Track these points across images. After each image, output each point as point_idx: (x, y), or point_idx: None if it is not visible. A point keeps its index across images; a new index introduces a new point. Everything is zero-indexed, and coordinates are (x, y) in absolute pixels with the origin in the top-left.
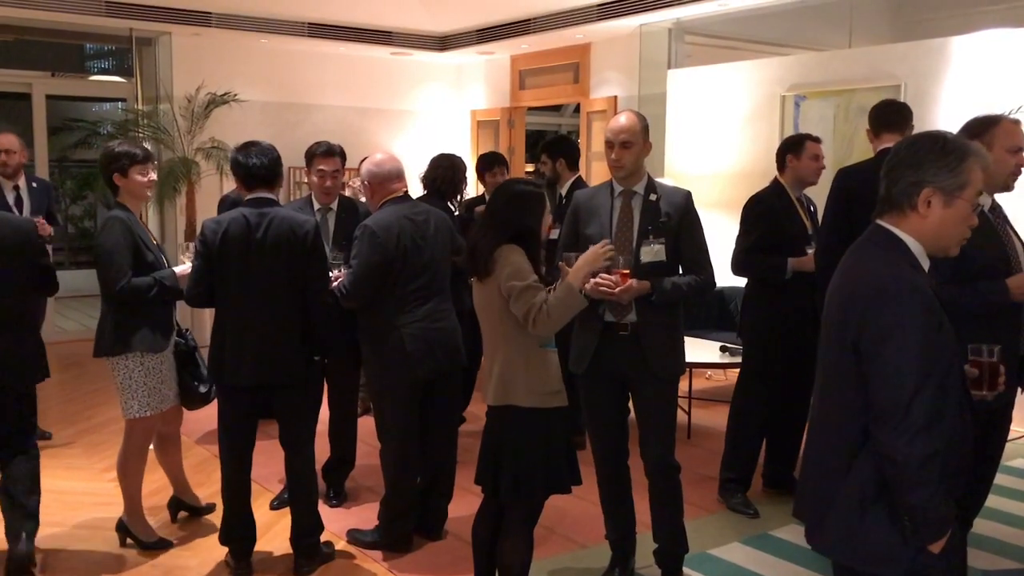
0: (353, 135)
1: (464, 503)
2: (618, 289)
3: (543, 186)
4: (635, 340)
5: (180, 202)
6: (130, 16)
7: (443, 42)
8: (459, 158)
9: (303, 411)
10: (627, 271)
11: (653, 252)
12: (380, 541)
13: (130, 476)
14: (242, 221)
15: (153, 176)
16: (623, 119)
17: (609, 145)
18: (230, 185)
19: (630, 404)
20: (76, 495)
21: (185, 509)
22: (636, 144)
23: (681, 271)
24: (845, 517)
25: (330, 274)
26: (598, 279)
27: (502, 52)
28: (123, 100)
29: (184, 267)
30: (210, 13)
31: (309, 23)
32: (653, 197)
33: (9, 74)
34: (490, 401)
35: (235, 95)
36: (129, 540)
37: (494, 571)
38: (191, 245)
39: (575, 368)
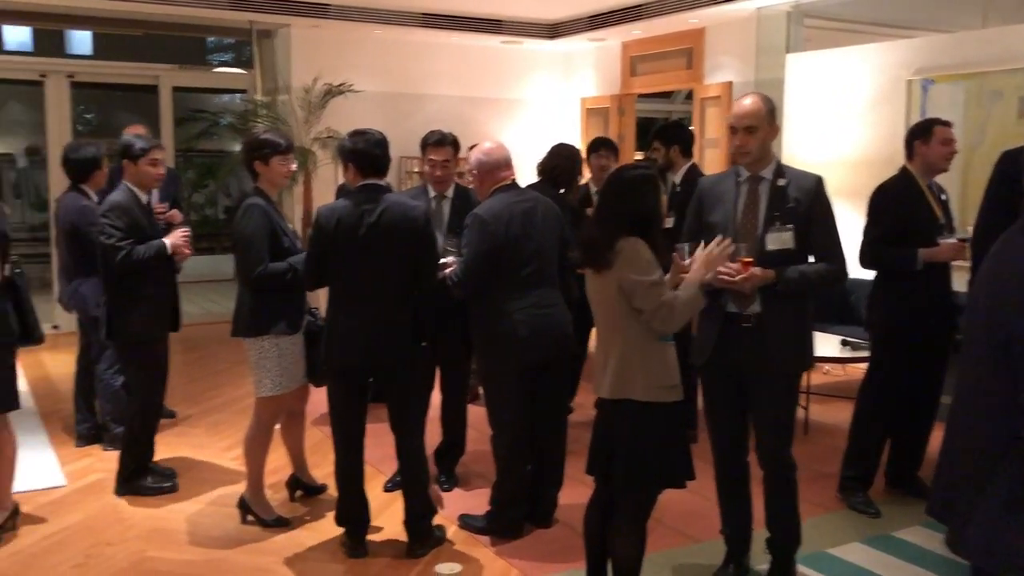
0: (464, 124)
1: (573, 492)
2: (739, 277)
3: (654, 169)
4: (759, 332)
5: (297, 191)
6: (251, 9)
7: (553, 30)
8: (577, 149)
9: (412, 395)
10: (750, 259)
11: (780, 239)
12: (491, 527)
13: (255, 454)
14: (354, 207)
15: (293, 166)
16: (747, 103)
17: (732, 130)
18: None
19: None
20: (201, 472)
21: (301, 488)
22: (761, 129)
23: (813, 260)
24: (989, 522)
25: (445, 260)
26: (719, 268)
27: (613, 39)
28: (243, 91)
29: None
30: (328, 5)
31: (423, 13)
32: (781, 182)
33: (138, 67)
34: (605, 394)
35: (350, 85)
36: (250, 517)
37: (605, 561)
38: None
39: (696, 360)
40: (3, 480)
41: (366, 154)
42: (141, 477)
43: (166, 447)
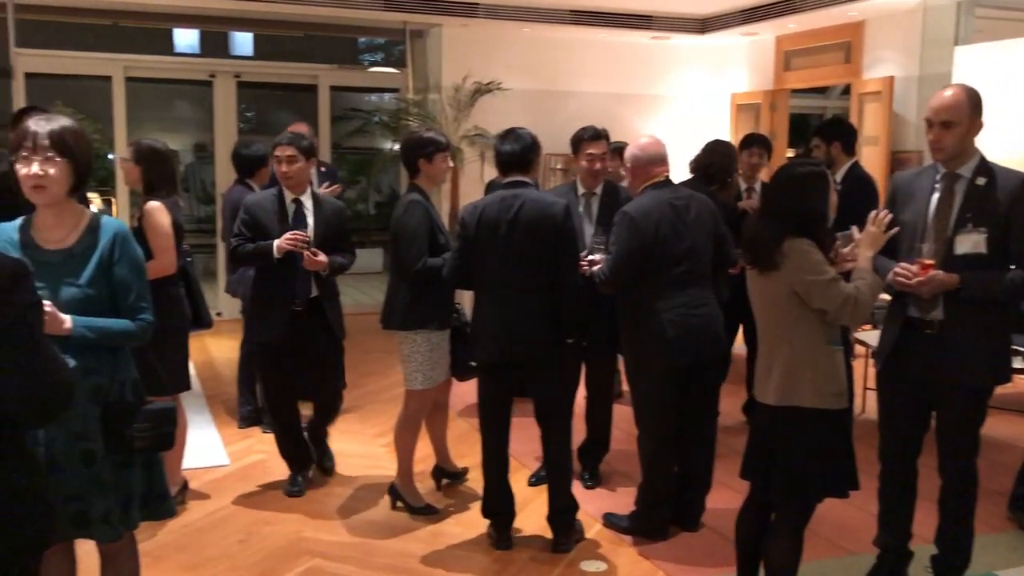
0: (609, 121)
1: (722, 496)
2: (914, 280)
3: (823, 165)
4: (941, 340)
5: (445, 188)
6: (405, 10)
7: (704, 24)
8: (733, 146)
9: (556, 391)
10: (930, 261)
11: (971, 242)
12: (636, 527)
13: (405, 443)
14: (497, 204)
15: (451, 163)
16: (947, 95)
17: (928, 124)
18: (491, 172)
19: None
20: (352, 457)
21: (446, 476)
22: (959, 124)
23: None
24: None
25: (593, 257)
26: (897, 268)
27: (766, 32)
28: (395, 91)
29: None
30: (477, 4)
31: (571, 10)
32: (981, 181)
33: (300, 67)
34: (769, 400)
35: (499, 84)
36: (399, 503)
37: (757, 568)
38: None
39: (875, 364)
40: (174, 457)
41: (508, 152)
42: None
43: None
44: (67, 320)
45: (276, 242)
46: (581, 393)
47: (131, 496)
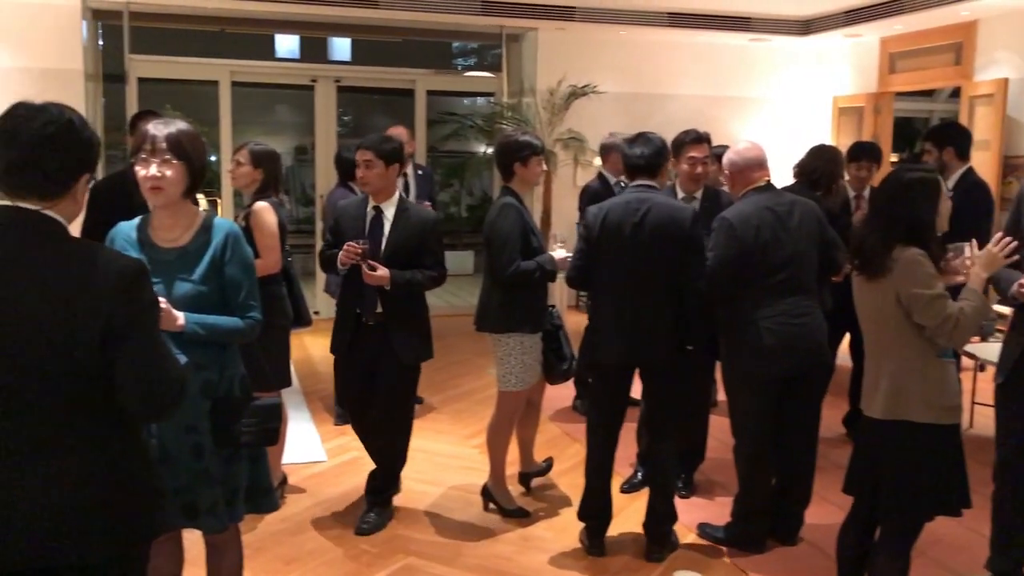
0: (705, 124)
1: (822, 511)
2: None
3: (936, 171)
4: None
5: (537, 191)
6: (503, 14)
7: (806, 26)
8: (839, 152)
9: (670, 397)
10: None
11: None
12: (731, 538)
13: (498, 445)
14: (622, 207)
15: (545, 167)
16: None
17: None
18: (584, 175)
19: None
20: (445, 457)
21: (533, 477)
22: None
23: None
24: None
25: None
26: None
27: (871, 34)
28: (490, 95)
29: (560, 253)
30: (574, 7)
31: (669, 13)
32: None
33: (398, 72)
34: (876, 414)
35: (595, 87)
36: (492, 505)
37: None
38: (558, 235)
39: (996, 377)
40: (275, 452)
41: (636, 156)
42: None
43: (414, 431)
44: (180, 317)
45: (341, 253)
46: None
47: (237, 489)
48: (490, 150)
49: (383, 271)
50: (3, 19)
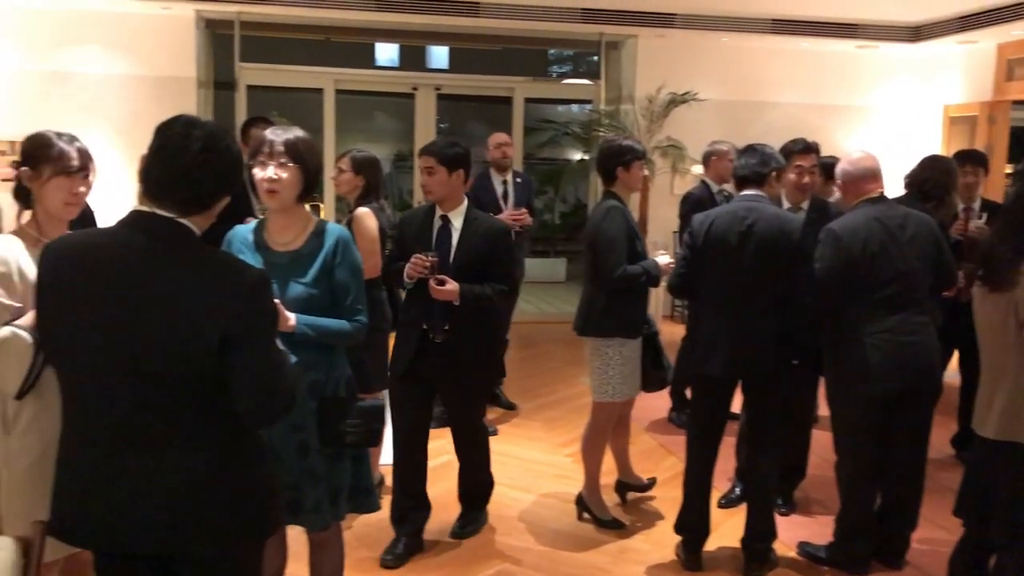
0: (808, 133)
1: (929, 534)
2: None
3: None
4: None
5: (634, 197)
6: (602, 21)
7: (916, 32)
8: (954, 163)
9: (772, 412)
10: None
11: None
12: (833, 558)
13: (592, 454)
14: (729, 216)
15: (646, 171)
16: None
17: None
18: (681, 183)
19: None
20: (539, 465)
21: (630, 489)
22: None
23: None
24: None
25: None
26: None
27: (987, 40)
28: (587, 102)
29: (663, 259)
30: (675, 14)
31: (773, 19)
32: None
33: (497, 79)
34: (989, 434)
35: (695, 94)
36: (586, 515)
37: None
38: (659, 241)
39: None
40: (374, 452)
41: (743, 167)
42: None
43: (507, 437)
44: (292, 318)
45: (406, 266)
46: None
47: (340, 488)
48: (586, 157)
49: (452, 285)
50: (122, 29)
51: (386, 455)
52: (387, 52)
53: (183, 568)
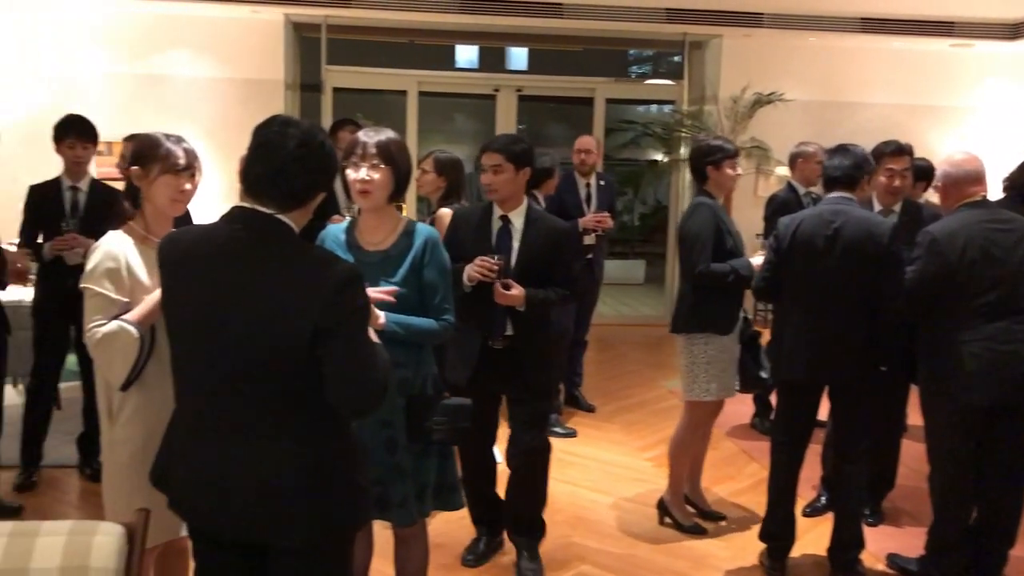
0: (899, 134)
1: None
2: None
3: None
4: None
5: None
6: (687, 21)
7: (1015, 30)
8: None
9: (860, 419)
10: None
11: None
12: (924, 572)
13: (680, 457)
14: (816, 219)
15: (740, 171)
16: None
17: None
18: (765, 185)
19: None
20: (618, 468)
21: (695, 509)
22: None
23: None
24: None
25: None
26: None
27: None
28: (668, 102)
29: (758, 260)
30: (762, 14)
31: (862, 18)
32: None
33: (578, 80)
34: None
35: (781, 95)
36: (667, 519)
37: None
38: (768, 242)
39: None
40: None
41: (832, 168)
42: None
43: (586, 439)
44: (381, 316)
45: (467, 268)
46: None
47: (426, 484)
48: (666, 159)
49: (518, 290)
50: (212, 33)
51: None
52: (466, 54)
53: (276, 558)
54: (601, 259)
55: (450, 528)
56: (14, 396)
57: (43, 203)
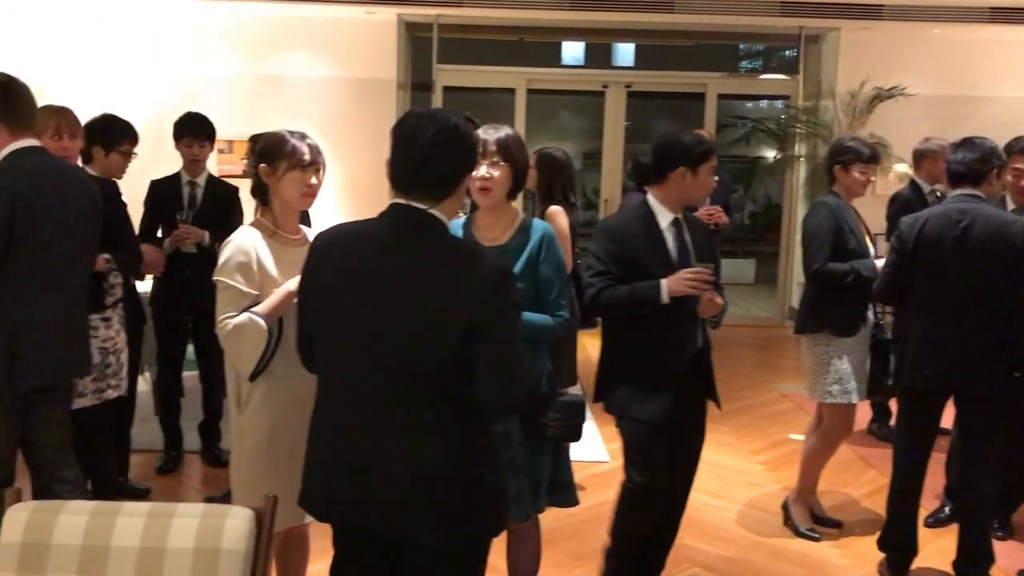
0: None
1: None
2: None
3: None
4: None
5: None
6: (803, 14)
7: None
8: None
9: (990, 427)
10: None
11: None
12: None
13: (814, 461)
14: (942, 218)
15: (873, 178)
16: None
17: None
18: (885, 184)
19: None
20: (730, 471)
21: (816, 518)
22: None
23: None
24: None
25: None
26: None
27: None
28: (781, 97)
29: (881, 261)
30: (882, 5)
31: (991, 8)
32: None
33: (689, 76)
34: None
35: (902, 89)
36: (789, 523)
37: None
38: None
39: None
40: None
41: (956, 163)
42: None
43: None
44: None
45: (666, 282)
46: None
47: (540, 480)
48: (780, 156)
49: (719, 298)
50: (327, 34)
51: (574, 452)
52: (573, 51)
53: (414, 556)
54: (718, 257)
55: (560, 525)
56: (142, 383)
57: (162, 197)
